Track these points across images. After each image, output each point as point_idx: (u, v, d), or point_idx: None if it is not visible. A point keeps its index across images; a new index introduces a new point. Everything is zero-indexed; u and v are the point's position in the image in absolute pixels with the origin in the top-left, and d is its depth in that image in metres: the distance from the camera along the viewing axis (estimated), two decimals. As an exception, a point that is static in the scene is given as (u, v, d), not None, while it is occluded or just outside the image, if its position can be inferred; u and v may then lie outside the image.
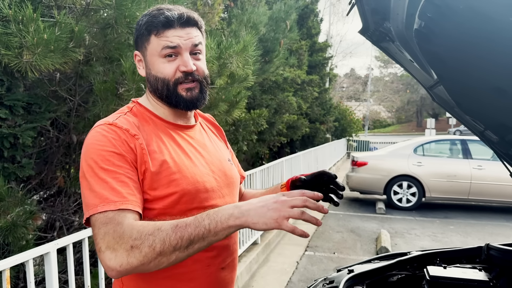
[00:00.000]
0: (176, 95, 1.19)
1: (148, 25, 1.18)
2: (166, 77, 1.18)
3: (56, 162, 3.46)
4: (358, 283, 1.69)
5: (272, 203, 0.98)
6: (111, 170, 1.06)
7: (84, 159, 1.10)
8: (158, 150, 1.16)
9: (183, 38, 1.16)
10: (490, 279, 1.65)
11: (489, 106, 1.57)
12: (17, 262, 1.79)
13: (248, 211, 0.98)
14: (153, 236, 0.98)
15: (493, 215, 8.10)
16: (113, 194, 1.03)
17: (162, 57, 1.17)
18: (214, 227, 0.98)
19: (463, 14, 1.01)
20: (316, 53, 14.91)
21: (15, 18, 1.96)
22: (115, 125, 1.12)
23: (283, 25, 5.07)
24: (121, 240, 0.98)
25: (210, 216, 1.00)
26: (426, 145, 9.02)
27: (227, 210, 1.00)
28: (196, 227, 0.98)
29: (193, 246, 0.99)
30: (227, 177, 1.31)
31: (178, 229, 0.98)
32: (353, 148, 23.03)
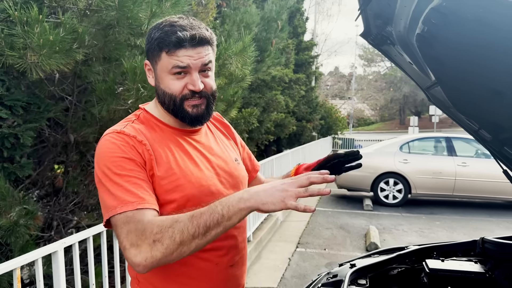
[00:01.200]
0: (182, 110, 1.23)
1: (159, 42, 1.19)
2: (173, 93, 1.21)
3: (49, 161, 3.47)
4: (362, 277, 1.76)
5: (279, 185, 1.04)
6: (123, 174, 1.11)
7: (98, 166, 1.15)
8: (164, 156, 1.20)
9: (193, 58, 1.18)
10: (486, 271, 1.74)
11: (484, 106, 1.64)
12: (27, 261, 1.82)
13: (257, 193, 1.04)
14: (172, 228, 1.03)
15: (477, 210, 8.30)
16: (130, 195, 1.09)
17: (171, 74, 1.19)
18: (227, 211, 1.03)
19: (470, 23, 1.08)
20: (303, 52, 15.02)
21: (20, 19, 1.98)
22: (122, 133, 1.18)
23: (274, 25, 5.14)
24: (143, 236, 1.04)
25: (222, 202, 1.05)
26: (411, 142, 9.19)
27: (237, 194, 1.06)
28: (210, 214, 1.03)
29: (210, 233, 1.04)
30: (233, 177, 1.35)
31: (194, 218, 1.04)
32: (338, 146, 23.26)
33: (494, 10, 0.95)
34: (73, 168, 3.30)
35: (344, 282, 1.61)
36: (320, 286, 1.73)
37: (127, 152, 1.14)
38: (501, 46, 1.08)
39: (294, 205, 1.02)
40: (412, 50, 1.62)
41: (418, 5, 1.29)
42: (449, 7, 1.11)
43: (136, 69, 2.63)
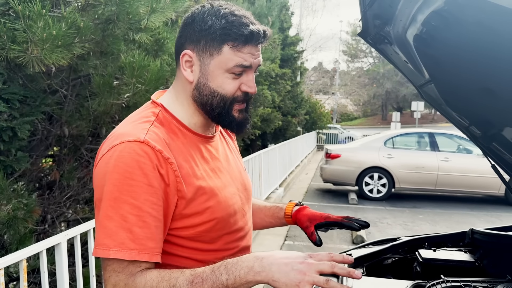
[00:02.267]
0: (229, 115, 1.09)
1: (224, 33, 1.02)
2: (227, 94, 1.06)
3: (40, 154, 3.47)
4: (358, 266, 1.84)
5: (297, 263, 0.91)
6: (135, 205, 0.94)
7: (103, 180, 0.96)
8: (192, 172, 1.04)
9: (254, 57, 1.06)
10: (475, 260, 1.84)
11: (475, 104, 1.73)
12: (33, 252, 1.85)
13: (270, 265, 0.91)
14: None
15: (459, 204, 8.53)
16: (131, 238, 0.93)
17: (229, 73, 1.05)
18: (232, 283, 0.91)
19: (470, 26, 1.15)
20: (288, 47, 15.08)
21: (23, 13, 1.99)
22: (147, 143, 0.97)
23: (265, 20, 5.19)
24: None
25: (228, 269, 0.92)
26: (396, 138, 9.38)
27: (247, 262, 0.93)
28: (212, 284, 0.91)
29: None
30: (247, 191, 1.25)
31: (194, 286, 0.91)
32: (322, 140, 23.48)
33: (495, 15, 1.02)
34: (67, 161, 3.31)
35: (343, 271, 1.69)
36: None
37: (148, 175, 0.95)
38: (497, 48, 1.16)
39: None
40: (408, 49, 1.69)
41: (420, 8, 1.36)
42: (451, 10, 1.19)
43: (134, 63, 2.66)
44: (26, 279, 1.82)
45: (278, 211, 1.45)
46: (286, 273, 0.90)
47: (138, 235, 0.93)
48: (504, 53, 1.19)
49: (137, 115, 1.09)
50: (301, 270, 0.89)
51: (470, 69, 1.44)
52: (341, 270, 0.91)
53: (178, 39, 1.10)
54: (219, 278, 0.91)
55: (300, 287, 0.88)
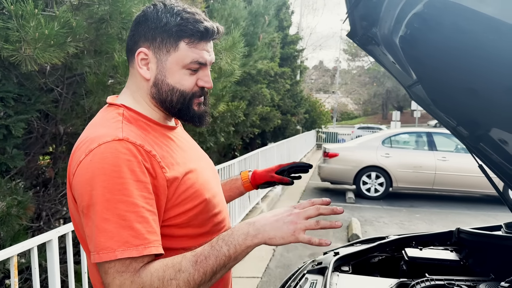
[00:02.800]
0: (190, 109, 1.11)
1: (180, 30, 1.04)
2: (186, 90, 1.08)
3: (36, 152, 3.49)
4: (345, 264, 1.87)
5: (286, 216, 0.97)
6: (130, 202, 0.92)
7: (90, 186, 0.93)
8: (174, 161, 1.06)
9: (209, 54, 1.10)
10: (460, 259, 1.86)
11: (461, 104, 1.75)
12: (24, 249, 1.87)
13: (263, 226, 0.97)
14: (176, 280, 0.92)
15: (456, 204, 8.55)
16: (133, 235, 0.91)
17: (185, 69, 1.07)
18: (234, 251, 0.95)
19: (448, 28, 1.17)
20: (288, 46, 15.09)
21: (16, 13, 2.01)
22: (127, 140, 0.97)
23: (262, 19, 5.21)
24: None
25: (226, 240, 0.96)
26: (393, 137, 9.39)
27: (241, 230, 0.97)
28: (216, 258, 0.94)
29: (216, 276, 0.96)
30: (215, 174, 1.29)
31: (200, 264, 0.93)
32: (322, 139, 23.50)
33: (470, 18, 1.04)
34: (62, 159, 3.33)
35: (328, 269, 1.71)
36: (305, 272, 1.83)
37: (135, 171, 0.95)
38: (476, 49, 1.18)
39: (306, 239, 0.96)
40: (395, 50, 1.71)
41: (402, 10, 1.38)
42: (430, 13, 1.21)
43: (127, 62, 2.68)
44: (16, 275, 1.84)
45: (234, 182, 1.57)
46: (279, 228, 0.96)
47: (140, 231, 0.92)
48: (482, 54, 1.21)
49: (102, 119, 1.07)
50: (292, 220, 0.96)
51: (453, 70, 1.46)
52: (325, 210, 1.00)
53: (131, 38, 1.10)
54: (220, 251, 0.94)
55: (295, 235, 0.95)
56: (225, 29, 4.20)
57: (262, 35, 5.34)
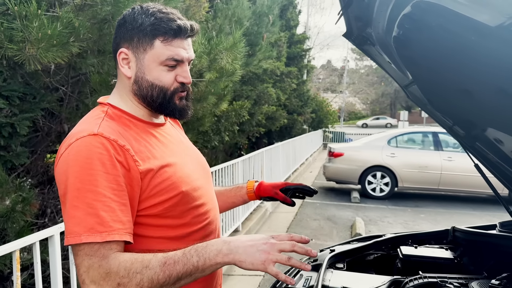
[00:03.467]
0: (172, 104, 1.17)
1: (154, 28, 1.10)
2: (165, 85, 1.14)
3: (43, 150, 3.55)
4: (340, 261, 1.89)
5: (261, 244, 1.00)
6: (98, 192, 0.99)
7: (65, 176, 1.01)
8: (151, 155, 1.11)
9: (186, 51, 1.15)
10: (455, 257, 1.88)
11: (456, 104, 1.76)
12: (26, 243, 1.92)
13: (236, 248, 1.00)
14: (141, 274, 0.97)
15: (461, 204, 8.52)
16: (99, 222, 0.97)
17: (162, 65, 1.13)
18: (202, 264, 1.00)
19: (435, 29, 1.19)
20: (295, 45, 15.09)
21: (20, 13, 2.06)
22: (101, 135, 1.04)
23: (266, 19, 5.23)
24: (108, 277, 0.97)
25: (199, 252, 1.00)
26: (399, 137, 9.37)
27: (215, 246, 1.01)
28: (184, 265, 0.99)
29: (179, 282, 1.00)
30: (204, 170, 1.34)
31: (167, 267, 0.98)
32: (329, 139, 23.46)
33: (453, 20, 1.06)
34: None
35: (322, 265, 1.74)
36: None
37: (106, 164, 1.01)
38: (462, 51, 1.20)
39: (274, 271, 0.99)
40: (390, 50, 1.73)
41: (392, 11, 1.40)
42: (418, 14, 1.23)
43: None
44: (19, 269, 1.89)
45: (239, 190, 1.59)
46: (252, 253, 0.99)
47: (105, 218, 0.98)
48: (470, 55, 1.23)
49: (87, 117, 1.16)
50: (265, 250, 0.99)
51: (446, 70, 1.48)
52: (300, 249, 1.02)
53: (114, 40, 1.19)
54: (190, 260, 0.99)
55: (265, 265, 0.99)
56: (228, 29, 4.26)
57: (266, 34, 5.37)
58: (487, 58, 1.13)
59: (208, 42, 3.13)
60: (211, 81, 3.28)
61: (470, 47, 1.13)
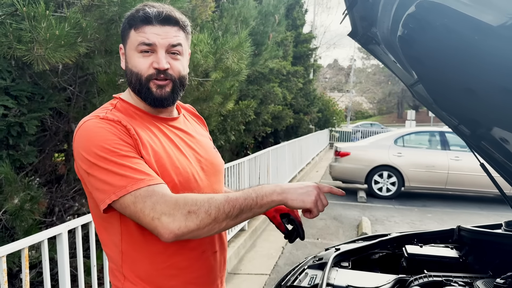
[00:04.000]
0: (146, 90, 1.20)
1: (129, 20, 1.20)
2: (139, 71, 1.19)
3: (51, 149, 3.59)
4: (345, 260, 1.90)
5: (311, 190, 1.16)
6: (124, 155, 1.08)
7: (85, 152, 1.09)
8: (151, 140, 1.19)
9: (161, 37, 1.18)
10: (460, 256, 1.88)
11: (461, 103, 1.77)
12: (35, 241, 1.95)
13: (288, 189, 1.14)
14: (208, 203, 1.06)
15: (468, 204, 8.47)
16: (137, 173, 1.07)
17: (138, 52, 1.18)
18: (261, 199, 1.11)
19: (439, 29, 1.20)
20: (301, 44, 15.08)
21: (28, 14, 2.09)
22: (106, 118, 1.14)
23: (272, 19, 5.24)
24: (177, 206, 1.05)
25: (256, 190, 1.12)
26: (406, 136, 9.33)
27: (270, 186, 1.14)
28: (245, 199, 1.10)
29: (241, 216, 1.10)
30: (213, 165, 1.36)
31: (230, 199, 1.08)
32: (335, 138, 23.41)
33: (456, 19, 1.07)
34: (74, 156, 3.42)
35: (327, 264, 1.75)
36: (306, 268, 1.87)
37: (119, 135, 1.11)
38: (465, 50, 1.21)
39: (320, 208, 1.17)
40: (395, 50, 1.73)
41: (397, 10, 1.41)
42: (422, 14, 1.24)
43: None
44: (27, 266, 1.92)
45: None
46: (302, 194, 1.15)
47: (143, 170, 1.09)
48: (474, 54, 1.24)
49: (97, 109, 1.25)
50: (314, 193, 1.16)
51: (450, 70, 1.49)
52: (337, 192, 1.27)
53: None
54: (249, 195, 1.11)
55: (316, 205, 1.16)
56: (234, 29, 4.27)
57: (272, 34, 5.38)
58: (491, 57, 1.14)
59: (214, 41, 3.15)
60: (217, 80, 3.30)
61: (473, 46, 1.13)
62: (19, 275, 3.14)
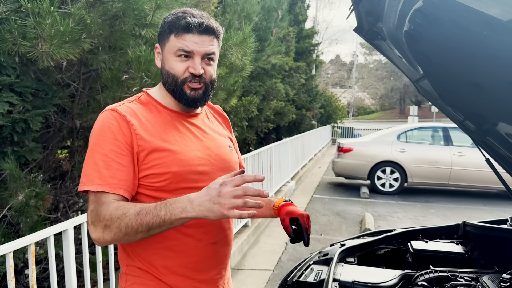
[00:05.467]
0: (181, 91, 1.32)
1: (170, 25, 1.30)
2: (176, 74, 1.31)
3: (55, 145, 3.60)
4: (350, 255, 1.91)
5: (215, 197, 1.08)
6: (103, 153, 1.23)
7: (90, 137, 1.29)
8: (156, 134, 1.29)
9: (198, 45, 1.29)
10: (465, 251, 1.88)
11: (467, 99, 1.76)
12: (41, 237, 1.96)
13: (199, 206, 1.10)
14: (119, 220, 1.15)
15: (472, 199, 8.47)
16: (98, 176, 1.21)
17: (176, 56, 1.30)
18: (169, 218, 1.13)
19: (446, 24, 1.19)
20: (303, 40, 15.04)
21: (33, 10, 2.09)
22: (115, 110, 1.28)
23: (275, 14, 5.22)
24: (98, 219, 1.18)
25: (167, 207, 1.13)
26: (409, 132, 9.32)
27: (182, 204, 1.12)
28: (153, 217, 1.14)
29: (153, 230, 1.16)
30: (224, 161, 1.42)
31: (139, 216, 1.14)
32: (337, 134, 23.39)
33: (464, 14, 1.06)
34: (78, 152, 3.43)
35: (333, 259, 1.75)
36: (311, 263, 1.88)
37: (114, 132, 1.24)
38: (474, 45, 1.20)
39: (237, 214, 1.09)
40: (401, 45, 1.72)
41: (404, 5, 1.40)
42: (429, 9, 1.23)
43: (141, 58, 2.75)
44: (34, 263, 1.93)
45: (269, 203, 1.59)
46: (211, 208, 1.10)
47: (104, 174, 1.22)
48: (481, 49, 1.23)
49: (126, 99, 1.39)
50: (220, 202, 1.09)
51: (457, 65, 1.48)
52: (252, 192, 1.11)
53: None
54: (159, 213, 1.14)
55: (225, 214, 1.09)
56: (237, 25, 4.26)
57: (275, 29, 5.36)
58: (499, 52, 1.13)
59: (218, 37, 3.13)
60: (221, 76, 3.30)
61: (481, 41, 1.13)
62: (24, 271, 3.15)
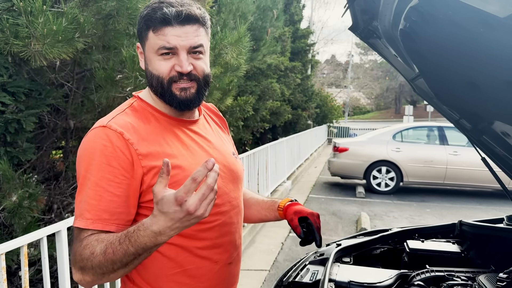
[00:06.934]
0: (170, 94, 1.15)
1: (146, 19, 1.12)
2: (160, 75, 1.13)
3: (48, 146, 3.57)
4: (346, 255, 1.89)
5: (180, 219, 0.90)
6: (93, 181, 1.05)
7: (77, 162, 1.10)
8: (161, 150, 1.12)
9: (181, 38, 1.10)
10: (462, 251, 1.87)
11: (463, 97, 1.75)
12: (34, 239, 1.94)
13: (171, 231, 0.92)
14: (88, 261, 0.99)
15: (467, 198, 8.49)
16: (88, 209, 1.04)
17: (158, 55, 1.12)
18: (142, 250, 0.95)
19: (442, 22, 1.18)
20: (299, 40, 15.05)
21: (25, 9, 2.06)
22: (109, 127, 1.08)
23: (270, 14, 5.22)
24: (75, 260, 1.03)
25: (132, 243, 0.95)
26: (404, 131, 9.34)
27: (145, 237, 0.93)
28: (123, 255, 0.96)
29: (133, 263, 0.98)
30: (232, 172, 1.29)
31: (107, 255, 0.97)
32: (333, 134, 23.42)
33: (460, 11, 1.05)
34: (72, 153, 3.40)
35: (329, 259, 1.74)
36: (307, 263, 1.87)
37: (107, 156, 1.06)
38: (470, 43, 1.19)
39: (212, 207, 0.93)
40: (396, 43, 1.72)
41: (399, 3, 1.39)
42: (425, 7, 1.22)
43: (135, 57, 2.73)
44: (27, 264, 1.91)
45: (273, 204, 1.51)
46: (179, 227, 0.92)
47: (94, 207, 1.04)
48: (477, 47, 1.22)
49: (116, 108, 1.21)
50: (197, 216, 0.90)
51: (453, 63, 1.47)
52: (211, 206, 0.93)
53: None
54: (128, 249, 0.95)
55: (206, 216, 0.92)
56: (233, 24, 4.25)
57: (271, 29, 5.35)
58: (496, 50, 1.12)
59: (213, 37, 3.13)
60: (216, 76, 3.28)
61: (478, 39, 1.12)
62: (18, 273, 3.12)
